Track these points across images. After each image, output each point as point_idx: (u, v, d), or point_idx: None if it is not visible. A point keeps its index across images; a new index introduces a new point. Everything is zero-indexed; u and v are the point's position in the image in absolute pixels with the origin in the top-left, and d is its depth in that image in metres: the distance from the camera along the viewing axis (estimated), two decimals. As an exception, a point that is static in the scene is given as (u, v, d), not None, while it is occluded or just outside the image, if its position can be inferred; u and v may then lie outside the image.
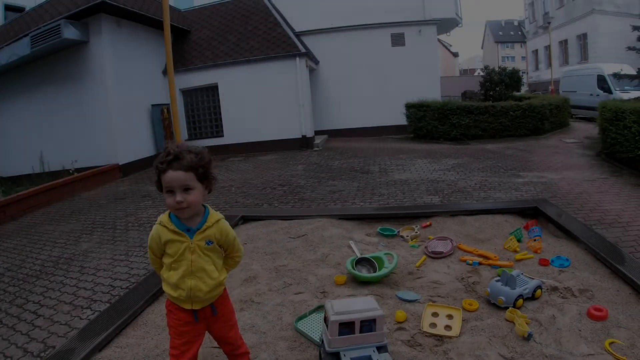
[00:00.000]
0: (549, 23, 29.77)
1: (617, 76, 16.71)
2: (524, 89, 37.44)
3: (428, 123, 15.69)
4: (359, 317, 2.32)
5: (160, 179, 1.97)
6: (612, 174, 9.21)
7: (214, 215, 2.14)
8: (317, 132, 17.69)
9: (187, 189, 1.96)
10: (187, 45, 16.86)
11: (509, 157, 11.72)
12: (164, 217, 2.09)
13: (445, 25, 20.11)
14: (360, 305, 2.41)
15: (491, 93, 18.62)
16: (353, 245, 4.15)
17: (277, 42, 15.70)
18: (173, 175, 1.93)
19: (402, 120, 17.01)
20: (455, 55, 77.03)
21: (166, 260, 2.11)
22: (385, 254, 3.81)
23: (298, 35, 17.65)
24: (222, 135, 15.91)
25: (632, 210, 6.57)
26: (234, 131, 15.69)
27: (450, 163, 11.04)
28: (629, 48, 15.95)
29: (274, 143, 15.41)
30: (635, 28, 18.23)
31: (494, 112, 15.16)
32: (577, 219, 6.06)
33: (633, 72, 16.65)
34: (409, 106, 16.35)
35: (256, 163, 12.93)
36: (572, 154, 11.92)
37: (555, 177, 9.08)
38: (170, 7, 17.17)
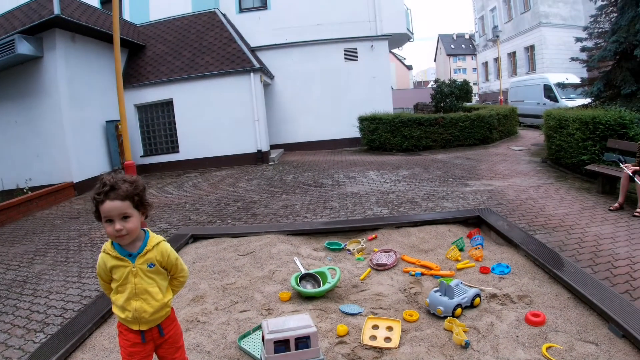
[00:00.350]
0: (497, 36, 30.75)
1: (560, 85, 17.36)
2: (475, 100, 38.56)
3: (381, 135, 15.92)
4: (294, 335, 2.37)
5: (99, 209, 2.02)
6: (557, 179, 9.52)
7: (154, 238, 2.20)
8: (273, 146, 17.68)
9: (125, 217, 2.04)
10: (142, 60, 16.58)
11: (458, 166, 11.96)
12: (107, 245, 2.16)
13: (397, 40, 20.54)
14: (294, 323, 2.45)
15: (442, 105, 19.09)
16: (297, 262, 4.18)
17: (231, 58, 15.65)
18: (111, 205, 1.99)
19: (356, 133, 17.20)
20: (409, 68, 78.46)
21: (113, 284, 2.18)
22: (329, 268, 3.87)
23: (253, 50, 17.66)
24: (178, 151, 15.66)
25: (575, 214, 6.79)
26: (190, 147, 15.49)
27: (401, 174, 11.17)
28: (572, 59, 16.60)
29: (229, 158, 15.30)
30: (578, 40, 19.03)
31: (443, 123, 15.52)
32: (521, 225, 6.28)
33: (577, 81, 17.33)
34: (362, 119, 16.56)
35: (212, 179, 12.81)
36: (519, 161, 12.29)
37: (501, 184, 9.32)
38: (126, 21, 17.05)
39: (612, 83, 11.65)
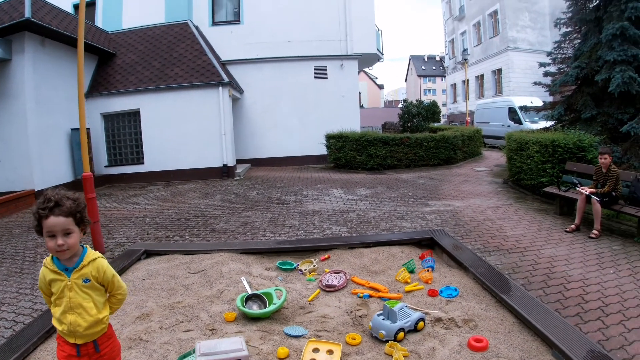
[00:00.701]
0: (466, 59, 31.49)
1: (523, 108, 17.81)
2: (443, 120, 39.28)
3: (347, 153, 16.06)
4: (224, 358, 2.34)
5: (41, 224, 2.07)
6: (516, 200, 9.69)
7: (91, 254, 2.25)
8: (240, 161, 17.63)
9: (67, 233, 2.11)
10: (111, 68, 16.32)
11: (421, 186, 12.08)
12: (47, 259, 2.22)
13: (367, 59, 20.84)
14: (226, 346, 2.43)
15: (409, 124, 19.38)
16: (244, 282, 4.15)
17: (201, 71, 15.59)
18: (55, 221, 2.06)
19: (323, 150, 17.29)
20: (381, 87, 79.78)
21: (52, 297, 2.22)
22: (275, 289, 3.84)
23: (224, 64, 17.68)
24: (143, 163, 15.42)
25: (531, 235, 6.89)
26: (155, 159, 15.28)
27: (364, 193, 11.23)
28: (535, 83, 17.06)
29: (195, 171, 15.16)
30: (541, 65, 19.56)
31: (409, 143, 15.75)
32: (477, 246, 6.34)
33: (542, 104, 17.79)
34: (329, 137, 16.69)
35: (175, 192, 12.64)
36: (481, 182, 12.50)
37: (461, 204, 9.43)
38: (97, 28, 16.82)
39: (573, 107, 11.92)
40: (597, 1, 12.07)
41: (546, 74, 17.27)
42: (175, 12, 18.48)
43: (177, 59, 16.30)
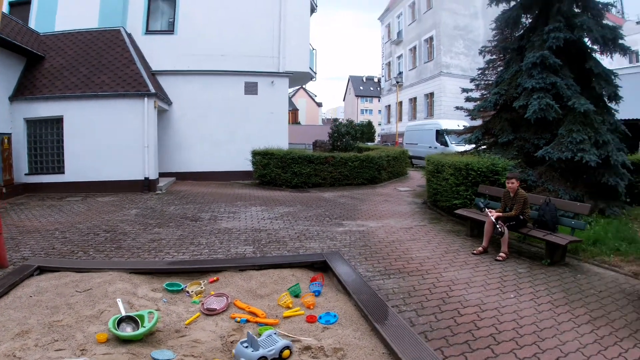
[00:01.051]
0: (398, 82, 32.42)
1: (445, 132, 18.53)
2: (377, 140, 40.24)
3: (272, 170, 16.19)
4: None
5: None
6: (431, 221, 10.03)
7: None
8: (166, 174, 17.42)
9: None
10: (39, 72, 15.70)
11: (340, 205, 12.34)
12: None
13: (299, 78, 21.20)
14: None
15: (338, 143, 19.81)
16: (119, 303, 4.15)
17: (128, 80, 15.31)
18: None
19: (251, 166, 17.29)
20: (320, 105, 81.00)
21: None
22: (149, 312, 3.87)
23: (154, 74, 17.45)
24: (64, 172, 14.91)
25: (436, 257, 7.07)
26: (76, 169, 14.80)
27: (281, 211, 11.33)
28: (457, 108, 17.85)
29: (116, 184, 14.79)
30: (464, 90, 20.49)
31: (333, 162, 16.13)
32: (378, 268, 6.46)
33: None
34: (255, 153, 16.79)
35: (92, 204, 12.27)
36: (400, 202, 12.89)
37: (375, 225, 9.66)
38: (28, 28, 16.25)
39: (491, 132, 12.39)
40: (522, 31, 12.66)
41: (468, 99, 18.14)
42: (109, 18, 18.07)
43: (105, 66, 15.96)
